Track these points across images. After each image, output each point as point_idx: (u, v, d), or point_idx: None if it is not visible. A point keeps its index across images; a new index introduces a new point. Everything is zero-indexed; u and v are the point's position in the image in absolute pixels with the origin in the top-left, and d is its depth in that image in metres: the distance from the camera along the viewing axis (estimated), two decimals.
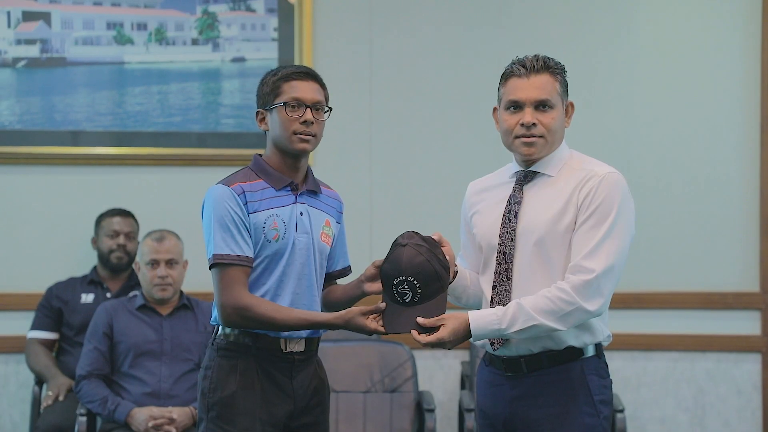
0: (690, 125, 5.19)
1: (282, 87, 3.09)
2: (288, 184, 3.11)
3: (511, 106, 3.06)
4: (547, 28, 5.18)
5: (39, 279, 4.97)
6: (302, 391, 3.13)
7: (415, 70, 5.18)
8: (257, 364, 3.07)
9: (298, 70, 3.12)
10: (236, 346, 3.08)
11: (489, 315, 2.94)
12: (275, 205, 3.08)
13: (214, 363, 3.09)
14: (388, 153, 5.17)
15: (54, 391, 4.65)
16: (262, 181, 3.09)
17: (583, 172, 3.02)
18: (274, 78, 3.10)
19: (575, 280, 2.91)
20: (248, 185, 3.07)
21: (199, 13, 5.13)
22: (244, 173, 3.11)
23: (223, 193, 3.04)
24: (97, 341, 4.44)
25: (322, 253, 3.18)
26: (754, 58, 5.17)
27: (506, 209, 3.07)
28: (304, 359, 3.14)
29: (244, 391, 3.06)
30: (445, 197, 5.14)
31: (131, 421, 4.29)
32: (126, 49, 5.12)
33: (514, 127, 3.05)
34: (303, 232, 3.11)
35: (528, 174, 3.09)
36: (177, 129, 5.10)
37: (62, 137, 5.07)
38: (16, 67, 5.08)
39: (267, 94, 3.11)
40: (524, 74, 3.07)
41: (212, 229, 3.03)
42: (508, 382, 3.06)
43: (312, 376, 3.17)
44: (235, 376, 3.06)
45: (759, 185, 5.17)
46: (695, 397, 5.20)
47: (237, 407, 3.05)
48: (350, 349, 4.76)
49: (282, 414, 3.09)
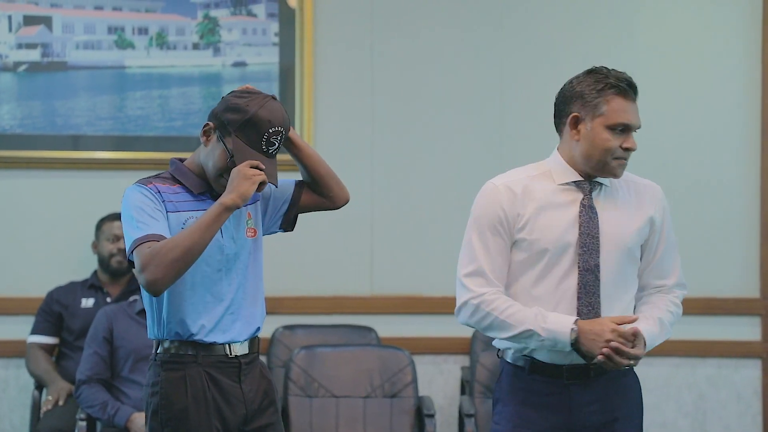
0: (690, 130, 5.19)
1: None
2: (207, 190, 3.06)
3: (620, 128, 2.99)
4: (548, 33, 5.18)
5: (39, 283, 4.97)
6: (252, 395, 3.09)
7: (416, 75, 5.18)
8: (205, 372, 3.03)
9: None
10: (180, 357, 3.03)
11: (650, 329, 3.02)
12: (194, 208, 3.02)
13: (161, 378, 3.03)
14: (389, 157, 5.17)
15: (54, 396, 4.65)
16: (179, 186, 3.04)
17: (640, 185, 3.13)
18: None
19: (680, 295, 3.18)
20: (164, 187, 3.01)
21: (200, 17, 5.13)
22: (160, 178, 3.06)
23: (139, 189, 2.98)
24: (97, 346, 4.44)
25: (251, 251, 3.10)
26: (755, 63, 5.17)
27: (585, 217, 3.01)
28: (249, 362, 3.10)
29: (195, 402, 3.01)
30: (447, 201, 5.14)
31: (131, 426, 4.29)
32: (127, 53, 5.12)
33: (615, 148, 2.99)
34: (228, 236, 3.04)
35: (593, 184, 3.06)
36: (178, 133, 5.10)
37: (63, 141, 5.07)
38: (17, 71, 5.08)
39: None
40: (632, 98, 3.01)
41: (129, 224, 2.95)
42: (567, 391, 3.01)
43: (259, 378, 3.13)
44: (184, 388, 3.01)
45: (759, 191, 5.17)
46: (696, 403, 5.20)
47: (191, 420, 3.00)
48: (350, 354, 4.76)
49: (236, 420, 3.06)
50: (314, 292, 5.12)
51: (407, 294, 5.15)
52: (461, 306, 3.05)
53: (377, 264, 5.15)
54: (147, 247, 2.88)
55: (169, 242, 2.88)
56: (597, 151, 2.99)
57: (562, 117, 3.07)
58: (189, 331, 3.02)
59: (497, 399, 3.12)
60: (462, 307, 3.04)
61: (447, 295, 5.13)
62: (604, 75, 3.02)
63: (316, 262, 5.11)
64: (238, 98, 3.01)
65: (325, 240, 5.10)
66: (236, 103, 2.99)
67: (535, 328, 2.93)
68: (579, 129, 3.02)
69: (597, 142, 2.99)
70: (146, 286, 2.90)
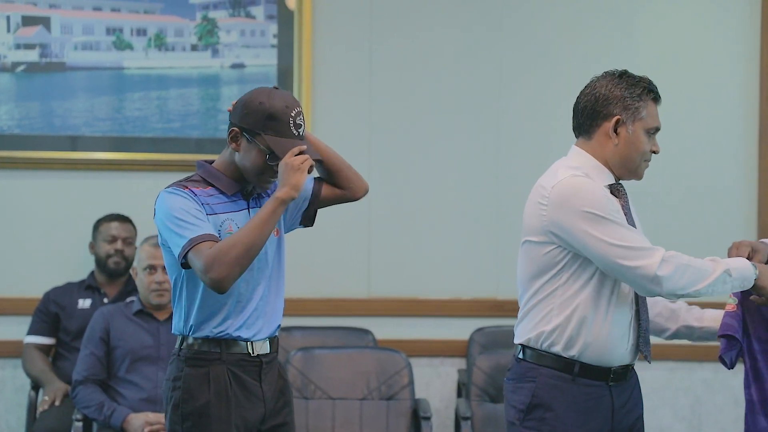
0: (688, 134, 5.18)
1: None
2: (239, 190, 3.11)
3: (653, 132, 3.07)
4: (547, 34, 5.18)
5: (36, 284, 4.97)
6: (271, 394, 3.14)
7: (414, 76, 5.18)
8: (228, 370, 3.07)
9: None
10: (204, 354, 3.07)
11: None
12: (229, 210, 3.08)
13: (184, 373, 3.07)
14: (387, 159, 5.16)
15: (50, 396, 4.64)
16: (213, 188, 3.08)
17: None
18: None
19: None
20: (199, 191, 3.05)
21: (199, 19, 5.13)
22: (192, 181, 3.09)
23: (177, 191, 3.02)
24: (94, 346, 4.43)
25: (278, 247, 3.17)
26: (753, 67, 5.17)
27: (629, 218, 3.05)
28: (270, 361, 3.14)
29: (218, 399, 3.05)
30: (445, 203, 5.15)
31: (127, 427, 4.28)
32: (125, 54, 5.12)
33: (648, 151, 3.07)
34: None
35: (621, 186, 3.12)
36: (176, 135, 5.10)
37: (61, 142, 5.07)
38: (16, 71, 5.08)
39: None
40: (659, 101, 3.12)
41: (172, 228, 2.98)
42: (610, 393, 3.03)
43: (277, 378, 3.18)
44: (207, 384, 3.05)
45: (756, 194, 5.17)
46: (692, 407, 5.20)
47: (212, 416, 3.03)
48: (347, 357, 4.76)
49: (255, 418, 3.10)
50: (311, 294, 5.12)
51: (404, 296, 5.15)
52: (659, 267, 2.88)
53: (375, 266, 5.15)
54: (207, 246, 2.93)
55: (230, 240, 2.94)
56: (637, 154, 3.04)
57: (598, 119, 3.04)
58: (215, 327, 3.06)
59: (535, 405, 3.02)
60: (659, 268, 2.88)
61: (444, 297, 5.17)
62: (638, 79, 3.08)
63: (313, 264, 5.11)
64: (248, 101, 3.07)
65: (323, 242, 5.10)
66: (249, 105, 3.05)
67: (729, 267, 2.95)
68: (619, 132, 3.03)
69: (637, 145, 3.04)
70: (211, 284, 2.94)
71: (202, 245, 2.94)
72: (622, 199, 3.07)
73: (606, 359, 3.00)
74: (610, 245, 2.90)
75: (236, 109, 3.09)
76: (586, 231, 2.91)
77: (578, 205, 2.93)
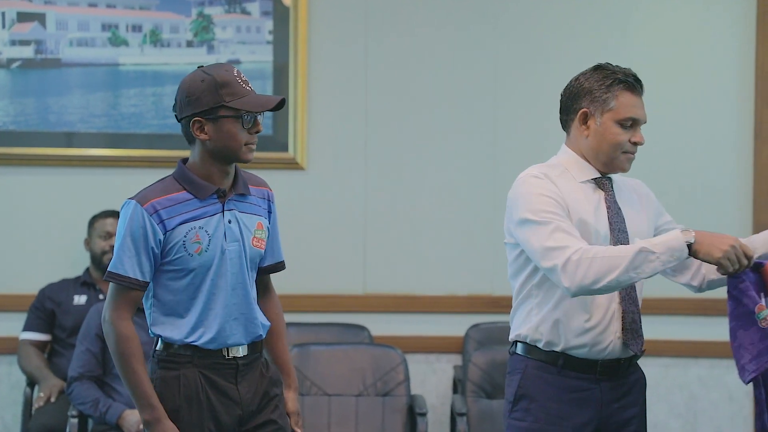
0: (683, 133, 5.19)
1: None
2: (214, 192, 3.02)
3: (628, 123, 3.03)
4: (542, 32, 5.19)
5: (31, 280, 4.97)
6: (249, 396, 3.08)
7: (410, 73, 5.18)
8: (200, 373, 3.02)
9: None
10: (177, 356, 3.02)
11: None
12: (198, 216, 2.99)
13: (156, 376, 3.03)
14: (383, 155, 5.17)
15: (46, 393, 4.64)
16: (186, 192, 3.00)
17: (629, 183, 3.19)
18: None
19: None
20: (165, 199, 2.97)
21: (194, 15, 5.13)
22: (164, 185, 3.02)
23: (135, 210, 2.96)
24: (89, 343, 4.43)
25: (254, 258, 3.10)
26: (748, 65, 5.18)
27: (611, 211, 3.04)
28: (248, 363, 3.08)
29: (188, 403, 3.00)
30: (441, 199, 5.15)
31: (123, 423, 4.28)
32: (121, 50, 5.11)
33: (623, 142, 3.03)
34: (233, 241, 3.03)
35: (608, 179, 3.11)
36: (171, 131, 5.09)
37: (56, 138, 5.06)
38: (11, 68, 5.08)
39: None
40: (639, 92, 3.06)
41: (117, 245, 2.98)
42: (598, 386, 3.04)
43: (258, 378, 3.11)
44: (177, 388, 3.01)
45: (752, 193, 5.18)
46: (687, 403, 5.21)
47: (183, 420, 2.99)
48: (342, 353, 4.76)
49: (230, 421, 3.05)
50: (307, 290, 5.12)
51: (400, 293, 5.16)
52: (563, 268, 2.85)
53: (370, 262, 5.15)
54: (126, 299, 2.98)
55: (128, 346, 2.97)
56: (607, 146, 3.03)
57: (570, 113, 3.08)
58: (188, 336, 3.02)
59: (521, 395, 3.06)
60: (563, 269, 2.85)
61: (440, 294, 5.17)
62: (611, 71, 3.06)
63: (309, 260, 5.11)
64: (189, 88, 2.98)
65: (319, 238, 5.10)
66: (193, 90, 2.97)
67: (646, 245, 2.85)
68: (588, 125, 3.04)
69: (607, 137, 3.02)
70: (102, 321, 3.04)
71: (123, 292, 2.97)
72: (607, 194, 3.06)
73: (590, 353, 3.02)
74: (533, 249, 2.93)
75: (182, 104, 2.99)
76: (521, 235, 2.98)
77: (516, 211, 2.99)
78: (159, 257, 2.98)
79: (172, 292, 3.01)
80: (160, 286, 3.02)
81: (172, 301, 3.02)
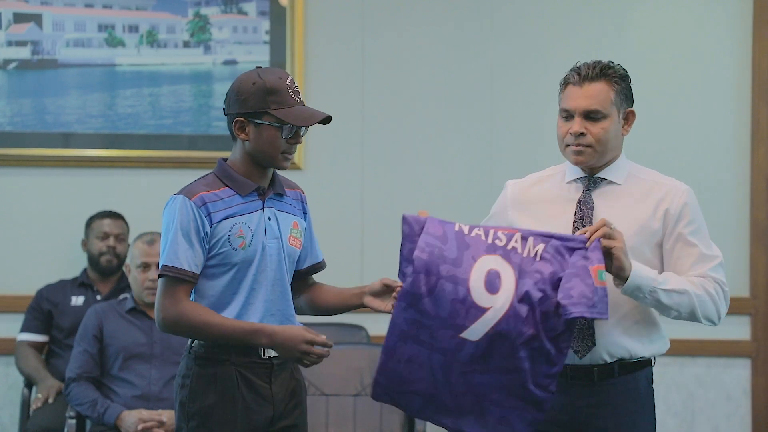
0: (680, 131, 5.19)
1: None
2: (255, 190, 3.07)
3: (564, 114, 3.03)
4: (538, 30, 5.19)
5: (29, 281, 4.96)
6: (281, 396, 3.10)
7: (407, 72, 5.18)
8: (236, 371, 3.04)
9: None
10: (214, 354, 3.04)
11: (645, 266, 2.91)
12: (241, 212, 3.04)
13: (192, 372, 3.05)
14: (380, 155, 5.17)
15: (43, 394, 4.64)
16: (228, 189, 3.05)
17: (658, 185, 3.05)
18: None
19: (716, 286, 2.97)
20: (211, 194, 3.02)
21: (191, 15, 5.13)
22: (207, 181, 3.06)
23: (183, 203, 3.00)
24: (87, 344, 4.43)
25: (291, 257, 3.14)
26: (745, 65, 5.18)
27: (578, 215, 3.02)
28: (282, 363, 3.10)
29: (223, 400, 3.02)
30: (438, 198, 5.15)
31: (121, 424, 4.28)
32: (117, 51, 5.11)
33: (565, 135, 3.02)
34: (272, 238, 3.07)
35: (595, 180, 3.06)
36: (168, 131, 5.09)
37: (53, 139, 5.06)
38: (7, 68, 5.08)
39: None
40: (578, 82, 3.02)
41: (167, 239, 3.00)
42: (575, 390, 3.01)
43: (289, 379, 3.14)
44: (214, 385, 3.03)
45: (749, 191, 5.18)
46: (685, 402, 5.21)
47: (217, 417, 3.02)
48: (340, 353, 4.75)
49: (262, 420, 3.07)
50: None
51: None
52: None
53: (367, 261, 5.15)
54: (181, 292, 2.98)
55: (199, 317, 2.97)
56: (558, 142, 3.05)
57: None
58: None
59: None
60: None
61: None
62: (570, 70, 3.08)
63: None
64: (240, 87, 3.04)
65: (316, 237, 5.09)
66: (243, 90, 3.02)
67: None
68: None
69: (557, 133, 3.05)
70: (157, 323, 3.04)
71: (177, 284, 2.98)
72: (582, 195, 3.03)
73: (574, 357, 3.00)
74: None
75: (230, 100, 3.05)
76: None
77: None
78: (206, 251, 3.02)
79: (215, 287, 3.04)
80: (202, 282, 3.05)
81: (214, 296, 3.04)
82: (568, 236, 2.91)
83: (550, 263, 2.88)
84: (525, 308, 2.85)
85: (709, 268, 2.98)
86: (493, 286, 2.87)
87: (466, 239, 2.92)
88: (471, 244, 2.91)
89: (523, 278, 2.87)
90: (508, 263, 2.89)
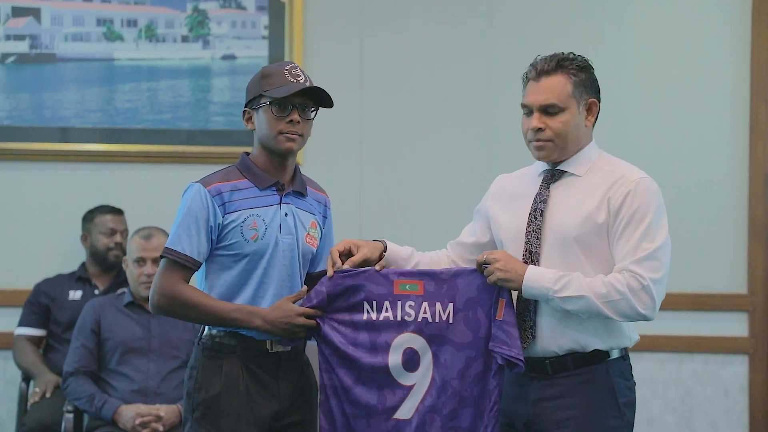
0: (679, 129, 5.19)
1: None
2: (273, 184, 3.11)
3: (525, 110, 3.06)
4: (537, 27, 5.19)
5: (27, 275, 4.96)
6: (288, 391, 3.12)
7: (405, 68, 5.18)
8: (242, 364, 3.07)
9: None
10: (221, 346, 3.08)
11: (547, 272, 2.92)
12: (257, 205, 3.07)
13: (199, 363, 3.09)
14: (378, 151, 5.17)
15: (41, 388, 4.64)
16: (246, 181, 3.09)
17: (613, 174, 3.01)
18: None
19: (631, 280, 2.89)
20: (228, 185, 3.07)
21: (190, 10, 5.12)
22: (226, 172, 3.11)
23: (198, 191, 3.06)
24: (85, 338, 4.43)
25: (306, 255, 3.16)
26: (744, 61, 5.18)
27: (532, 207, 3.04)
28: (291, 359, 3.12)
29: (228, 391, 3.05)
30: (436, 194, 5.15)
31: (118, 419, 4.28)
32: (116, 45, 5.11)
33: (527, 131, 3.05)
34: (287, 233, 3.10)
35: (555, 173, 3.07)
36: (166, 126, 5.09)
37: (51, 134, 5.06)
38: (6, 62, 5.07)
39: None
40: (535, 77, 3.05)
41: (177, 222, 3.07)
42: (532, 383, 3.03)
43: (298, 376, 3.15)
44: (219, 376, 3.06)
45: (747, 188, 5.18)
46: (683, 399, 5.21)
47: (221, 408, 3.04)
48: None
49: (267, 414, 3.08)
50: None
51: None
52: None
53: None
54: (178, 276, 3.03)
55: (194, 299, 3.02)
56: (523, 136, 3.09)
57: None
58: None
59: None
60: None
61: None
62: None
63: None
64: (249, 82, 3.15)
65: None
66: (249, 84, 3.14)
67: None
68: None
69: (521, 128, 3.09)
70: (151, 303, 3.08)
71: (176, 267, 3.03)
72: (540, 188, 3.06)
73: None
74: None
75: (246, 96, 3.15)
76: None
77: None
78: (215, 240, 3.05)
79: (225, 277, 3.08)
80: (213, 272, 3.09)
81: (224, 286, 3.08)
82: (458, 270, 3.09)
83: (463, 322, 3.02)
84: (448, 378, 3.03)
85: (632, 260, 2.90)
86: (412, 364, 3.04)
87: (376, 324, 3.05)
88: (382, 329, 3.05)
89: (441, 346, 3.04)
90: (421, 336, 3.05)
